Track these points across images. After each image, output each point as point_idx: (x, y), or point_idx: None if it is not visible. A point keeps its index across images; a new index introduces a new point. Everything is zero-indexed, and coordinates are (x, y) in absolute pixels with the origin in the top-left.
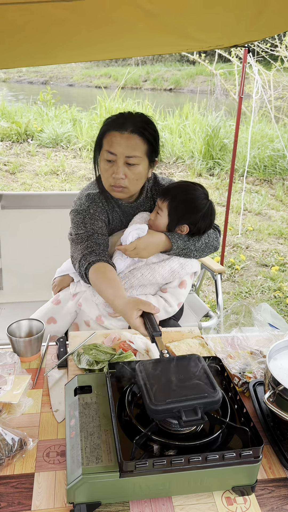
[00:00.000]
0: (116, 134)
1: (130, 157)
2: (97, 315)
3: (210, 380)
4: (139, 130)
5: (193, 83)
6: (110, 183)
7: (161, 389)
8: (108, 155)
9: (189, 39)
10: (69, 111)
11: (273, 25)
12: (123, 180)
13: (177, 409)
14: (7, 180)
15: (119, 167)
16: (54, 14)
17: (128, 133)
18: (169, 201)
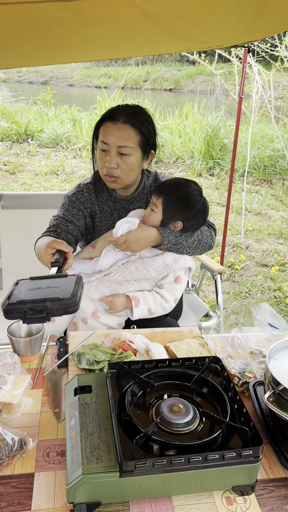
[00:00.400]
0: (109, 125)
1: (121, 147)
2: (93, 310)
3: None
4: (131, 120)
5: (193, 83)
6: (103, 172)
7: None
8: (102, 145)
9: (189, 39)
10: (69, 111)
11: (273, 25)
12: (115, 170)
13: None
14: (7, 180)
15: (112, 157)
16: (53, 14)
17: (120, 124)
18: (163, 198)
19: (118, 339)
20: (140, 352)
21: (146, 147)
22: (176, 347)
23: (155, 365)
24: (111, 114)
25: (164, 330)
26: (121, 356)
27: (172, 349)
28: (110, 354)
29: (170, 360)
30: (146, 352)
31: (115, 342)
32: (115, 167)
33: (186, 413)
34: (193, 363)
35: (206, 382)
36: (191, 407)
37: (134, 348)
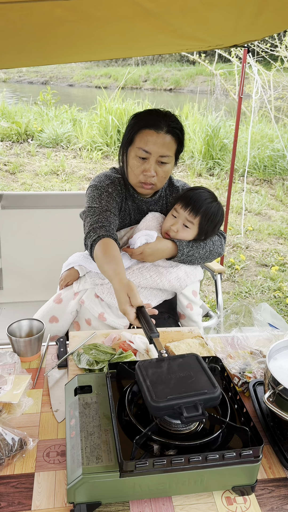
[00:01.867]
0: (152, 133)
1: (163, 156)
2: (100, 313)
3: (209, 378)
4: (173, 130)
5: (193, 83)
6: (140, 179)
7: (161, 387)
8: (142, 152)
9: (189, 38)
10: (69, 111)
11: (273, 24)
12: (154, 178)
13: (178, 406)
14: (7, 180)
15: (151, 165)
16: (52, 12)
17: (163, 133)
18: (201, 216)
19: (118, 339)
20: (140, 352)
21: (178, 154)
22: (176, 347)
23: None
24: (153, 122)
25: (164, 330)
26: (121, 356)
27: (172, 349)
28: (110, 354)
29: None
30: (146, 352)
31: (115, 342)
32: (154, 175)
33: None
34: None
35: None
36: None
37: (134, 348)
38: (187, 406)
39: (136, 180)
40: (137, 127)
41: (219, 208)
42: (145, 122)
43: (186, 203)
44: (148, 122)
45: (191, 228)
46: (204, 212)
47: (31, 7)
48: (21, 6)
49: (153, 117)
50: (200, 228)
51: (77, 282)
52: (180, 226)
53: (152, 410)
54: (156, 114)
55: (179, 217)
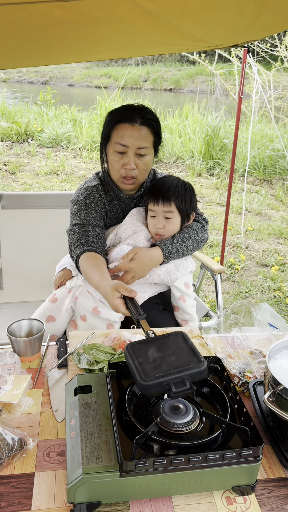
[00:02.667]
0: (127, 127)
1: (141, 148)
2: (93, 307)
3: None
4: (148, 122)
5: (193, 83)
6: (121, 174)
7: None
8: (119, 147)
9: (189, 38)
10: (69, 111)
11: (273, 24)
12: (134, 171)
13: (166, 382)
14: (7, 180)
15: (131, 158)
16: (52, 14)
17: (138, 125)
18: (174, 201)
19: (118, 339)
20: None
21: (156, 145)
22: None
23: None
24: (126, 116)
25: (164, 330)
26: (121, 356)
27: None
28: (110, 354)
29: None
30: None
31: (115, 342)
32: (134, 168)
33: (186, 413)
34: None
35: (206, 382)
36: (191, 407)
37: None
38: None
39: (117, 176)
40: (112, 123)
41: (184, 184)
42: (119, 117)
43: (155, 197)
44: (122, 116)
45: (173, 217)
46: (174, 195)
47: (31, 9)
48: (20, 8)
49: (126, 111)
50: (180, 212)
51: (70, 280)
52: (163, 221)
53: (142, 388)
54: (129, 108)
55: (157, 214)
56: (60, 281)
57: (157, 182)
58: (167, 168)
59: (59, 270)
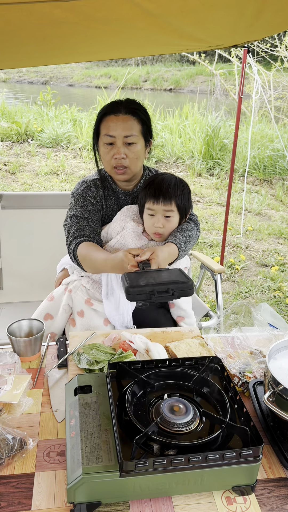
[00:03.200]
0: (112, 118)
1: (128, 137)
2: (86, 299)
3: (184, 275)
4: (132, 111)
5: (193, 83)
6: (112, 165)
7: (138, 279)
8: (107, 138)
9: (189, 38)
10: (69, 111)
11: (273, 24)
12: (124, 160)
13: (150, 289)
14: (7, 180)
15: (119, 148)
16: (52, 14)
17: (122, 115)
18: (175, 200)
19: (118, 339)
20: (140, 352)
21: (146, 135)
22: (176, 347)
23: (155, 365)
24: (111, 108)
25: (164, 330)
26: (121, 356)
27: (172, 349)
28: (110, 354)
29: (170, 360)
30: (146, 352)
31: (115, 342)
32: (124, 157)
33: (186, 413)
34: (193, 363)
35: (206, 382)
36: (191, 407)
37: (134, 348)
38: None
39: (109, 167)
40: (98, 118)
41: (181, 181)
42: (104, 110)
43: (156, 197)
44: (108, 109)
45: (172, 216)
46: (175, 194)
47: (31, 8)
48: (20, 7)
49: (112, 104)
50: (179, 210)
51: (67, 278)
52: (163, 220)
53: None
54: (115, 102)
55: (156, 212)
56: (59, 282)
57: (154, 180)
58: (167, 168)
59: (60, 271)
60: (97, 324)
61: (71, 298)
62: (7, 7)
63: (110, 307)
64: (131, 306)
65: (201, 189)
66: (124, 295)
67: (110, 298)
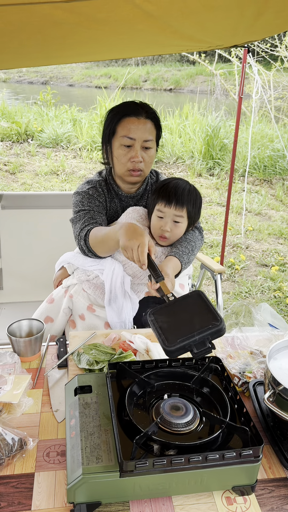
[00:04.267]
0: (133, 120)
1: (147, 141)
2: (88, 305)
3: (213, 312)
4: (151, 115)
5: (193, 83)
6: (128, 167)
7: (171, 331)
8: (127, 140)
9: (189, 39)
10: (69, 111)
11: (273, 25)
12: (141, 164)
13: (188, 345)
14: (7, 180)
15: (137, 151)
16: (52, 15)
17: (144, 118)
18: (187, 206)
19: (118, 339)
20: (140, 352)
21: (158, 141)
22: None
23: (155, 365)
24: (132, 110)
25: None
26: (121, 356)
27: None
28: (110, 354)
29: (170, 360)
30: (146, 352)
31: (115, 342)
32: (141, 161)
33: (186, 413)
34: (193, 363)
35: (206, 382)
36: (191, 407)
37: (134, 348)
38: (197, 344)
39: (124, 169)
40: (117, 118)
41: (194, 189)
42: (124, 111)
43: (169, 200)
44: (128, 110)
45: (181, 222)
46: (188, 201)
47: (31, 9)
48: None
49: (130, 106)
50: (189, 218)
51: (66, 279)
52: (171, 224)
53: (168, 354)
54: (133, 103)
55: (166, 216)
56: (58, 281)
57: (170, 183)
58: (167, 168)
59: (58, 269)
60: (97, 327)
61: (72, 302)
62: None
63: (112, 314)
64: (132, 313)
65: (201, 189)
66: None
67: (112, 305)
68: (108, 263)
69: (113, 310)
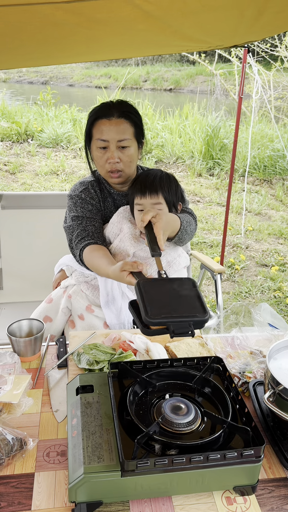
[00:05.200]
0: (105, 122)
1: (121, 141)
2: (87, 305)
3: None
4: (125, 114)
5: (193, 83)
6: (106, 169)
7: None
8: (101, 142)
9: (189, 39)
10: (69, 111)
11: (273, 25)
12: (119, 164)
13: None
14: (7, 180)
15: (113, 152)
16: (53, 15)
17: (115, 119)
18: (161, 191)
19: (118, 339)
20: (140, 352)
21: (139, 136)
22: (176, 347)
23: (156, 365)
24: (103, 112)
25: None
26: (121, 356)
27: (172, 349)
28: (110, 354)
29: (171, 360)
30: (146, 352)
31: (115, 342)
32: (118, 161)
33: (188, 413)
34: (194, 363)
35: (208, 382)
36: (192, 407)
37: (134, 348)
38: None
39: (104, 171)
40: (90, 121)
41: (167, 175)
42: (96, 114)
43: (141, 190)
44: (100, 113)
45: (161, 208)
46: (161, 186)
47: (31, 10)
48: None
49: (103, 107)
50: (167, 203)
51: (65, 280)
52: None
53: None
54: (106, 104)
55: (145, 207)
56: (57, 283)
57: (140, 175)
58: (167, 168)
59: (57, 272)
60: (96, 327)
61: (71, 302)
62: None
63: (111, 315)
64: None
65: (201, 189)
66: (125, 303)
67: (111, 307)
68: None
69: (112, 312)
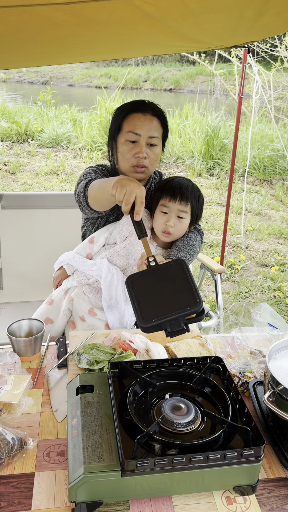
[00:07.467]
0: (139, 116)
1: (152, 138)
2: (89, 308)
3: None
4: (158, 114)
5: (193, 83)
6: (132, 163)
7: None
8: (132, 135)
9: (189, 40)
10: (69, 111)
11: (273, 26)
12: (146, 160)
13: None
14: (7, 180)
15: (142, 147)
16: (53, 16)
17: (150, 115)
18: (191, 202)
19: (118, 339)
20: (140, 352)
21: (164, 140)
22: (176, 347)
23: (156, 365)
24: (139, 107)
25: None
26: (121, 356)
27: (172, 349)
28: (110, 354)
29: (171, 360)
30: (146, 352)
31: (115, 342)
32: (146, 157)
33: (188, 412)
34: (194, 363)
35: (208, 382)
36: (192, 406)
37: (134, 348)
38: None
39: (128, 165)
40: (123, 114)
41: (197, 188)
42: (131, 108)
43: (173, 195)
44: (134, 107)
45: (185, 217)
46: (192, 197)
47: (31, 11)
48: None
49: (137, 103)
50: (192, 213)
51: (66, 280)
52: (175, 219)
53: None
54: (142, 101)
55: (170, 211)
56: (58, 281)
57: (174, 180)
58: (167, 168)
59: (57, 269)
60: (97, 328)
61: (72, 304)
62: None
63: (113, 319)
64: (134, 318)
65: (201, 189)
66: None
67: (113, 310)
68: (105, 268)
69: (115, 316)
